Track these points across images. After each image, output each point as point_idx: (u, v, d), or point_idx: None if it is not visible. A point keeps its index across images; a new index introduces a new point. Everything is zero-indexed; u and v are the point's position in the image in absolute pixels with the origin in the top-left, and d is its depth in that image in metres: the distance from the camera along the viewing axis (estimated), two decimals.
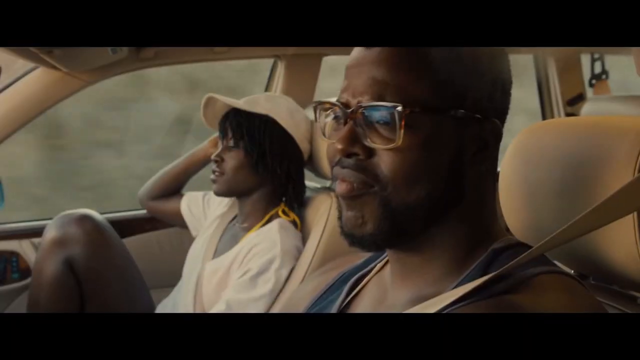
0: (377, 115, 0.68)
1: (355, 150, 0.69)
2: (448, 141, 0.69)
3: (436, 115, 0.68)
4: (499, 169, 0.81)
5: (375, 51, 0.70)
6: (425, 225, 0.71)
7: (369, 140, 0.69)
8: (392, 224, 0.69)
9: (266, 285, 1.58)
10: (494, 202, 0.75)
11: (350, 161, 0.70)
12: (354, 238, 0.71)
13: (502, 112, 0.74)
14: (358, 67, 0.71)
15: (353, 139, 0.69)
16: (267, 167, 1.65)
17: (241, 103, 1.67)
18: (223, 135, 1.68)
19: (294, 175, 1.69)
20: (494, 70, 0.72)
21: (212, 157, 1.69)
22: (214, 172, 1.69)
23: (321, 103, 0.75)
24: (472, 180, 0.71)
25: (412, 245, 0.72)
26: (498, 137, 0.72)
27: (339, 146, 0.69)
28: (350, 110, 0.69)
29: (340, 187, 0.71)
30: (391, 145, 0.67)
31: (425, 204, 0.69)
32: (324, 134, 0.76)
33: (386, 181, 0.68)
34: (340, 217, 0.73)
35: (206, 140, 1.99)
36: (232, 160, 1.67)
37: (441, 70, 0.68)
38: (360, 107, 0.69)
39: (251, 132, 1.64)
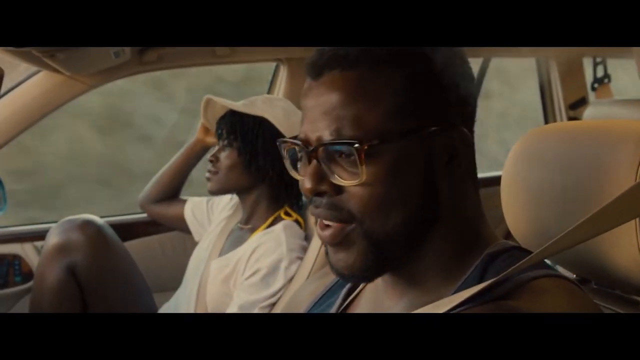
0: (338, 151, 0.67)
1: (323, 188, 0.68)
2: (415, 162, 0.67)
3: (398, 142, 0.66)
4: (500, 172, 0.80)
5: (325, 82, 0.68)
6: (410, 246, 0.70)
7: (336, 176, 0.67)
8: (377, 255, 0.69)
9: (277, 283, 1.59)
10: (478, 207, 0.74)
11: (321, 200, 0.69)
12: (345, 276, 0.71)
13: (468, 118, 0.72)
14: (311, 99, 0.69)
15: (319, 178, 0.68)
16: (259, 167, 1.67)
17: (239, 105, 1.69)
18: (219, 135, 1.71)
19: (287, 175, 1.69)
20: (453, 77, 0.70)
21: (208, 157, 1.72)
22: (209, 171, 1.72)
23: (284, 141, 0.74)
24: (450, 190, 0.70)
25: (401, 267, 0.72)
26: (467, 143, 0.70)
27: (307, 185, 0.68)
28: (311, 148, 0.68)
29: (324, 235, 0.70)
30: (356, 182, 0.66)
31: (404, 228, 0.68)
32: (292, 169, 0.75)
33: (360, 215, 0.67)
34: (327, 256, 0.73)
35: (197, 133, 2.00)
36: (226, 159, 1.69)
37: (394, 94, 0.66)
38: (319, 145, 0.68)
39: (244, 133, 1.66)
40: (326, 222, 0.70)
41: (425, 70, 0.67)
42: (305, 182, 0.69)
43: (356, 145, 0.65)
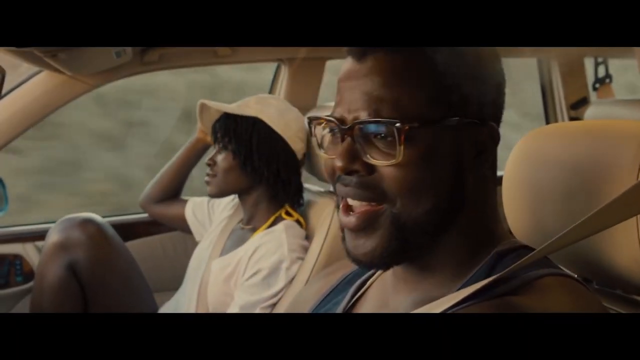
0: (375, 131, 0.67)
1: (355, 167, 0.68)
2: (448, 150, 0.68)
3: (434, 127, 0.67)
4: (501, 172, 0.81)
5: (367, 64, 0.68)
6: (433, 237, 0.70)
7: (368, 156, 0.68)
8: (401, 242, 0.69)
9: (278, 284, 1.59)
10: (495, 205, 0.75)
11: (351, 178, 0.69)
12: (362, 263, 0.71)
13: (497, 114, 0.73)
14: (351, 80, 0.70)
15: (352, 156, 0.68)
16: (255, 168, 1.68)
17: (233, 107, 1.70)
18: (215, 139, 1.71)
19: (284, 174, 1.70)
20: (488, 74, 0.72)
21: (206, 161, 1.73)
22: (207, 174, 1.72)
23: (316, 118, 0.74)
24: (473, 185, 0.71)
25: (425, 254, 0.72)
26: (496, 140, 0.72)
27: (339, 163, 0.68)
28: (346, 126, 0.68)
29: (349, 221, 0.70)
30: (392, 162, 0.66)
31: (432, 216, 0.68)
32: (320, 148, 0.75)
33: (393, 197, 0.67)
34: (344, 240, 0.73)
35: (197, 132, 2.00)
36: (222, 162, 1.69)
37: (436, 81, 0.67)
38: (357, 123, 0.68)
39: (239, 134, 1.67)
40: (351, 203, 0.70)
41: (466, 62, 0.69)
42: (338, 160, 0.68)
43: (397, 124, 0.65)
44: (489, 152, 0.71)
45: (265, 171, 1.68)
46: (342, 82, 0.71)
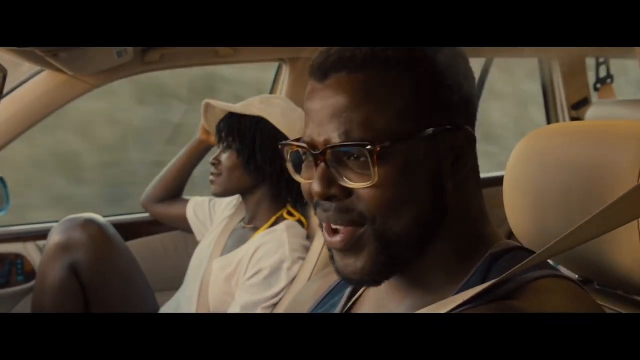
0: (348, 154, 0.66)
1: (332, 192, 0.68)
2: (424, 161, 0.67)
3: (407, 143, 0.66)
4: (502, 172, 0.81)
5: (332, 85, 0.67)
6: (420, 249, 0.70)
7: (344, 179, 0.67)
8: (388, 257, 0.68)
9: (279, 284, 1.59)
10: (481, 207, 0.74)
11: (331, 204, 0.69)
12: (353, 281, 0.71)
13: (471, 116, 0.72)
14: (317, 102, 0.68)
15: (328, 181, 0.67)
16: (258, 167, 1.68)
17: (237, 107, 1.70)
18: (219, 138, 1.72)
19: (287, 173, 1.69)
20: (457, 77, 0.70)
21: (210, 160, 1.74)
22: (212, 174, 1.73)
23: (287, 144, 0.73)
24: (455, 191, 0.70)
25: (416, 262, 0.72)
26: (472, 142, 0.71)
27: (316, 189, 0.67)
28: (318, 151, 0.68)
29: (335, 241, 0.70)
30: (368, 184, 0.65)
31: (416, 230, 0.68)
32: (296, 173, 0.75)
33: (372, 216, 0.67)
34: (332, 260, 0.72)
35: (199, 133, 2.00)
36: (227, 161, 1.70)
37: (402, 95, 0.66)
38: (329, 148, 0.67)
39: (242, 134, 1.68)
40: (335, 227, 0.70)
41: (430, 71, 0.67)
42: (315, 186, 0.68)
43: (369, 147, 0.64)
44: (467, 155, 0.70)
45: (268, 170, 1.68)
46: (309, 104, 0.70)
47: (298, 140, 0.71)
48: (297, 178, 0.74)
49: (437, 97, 0.68)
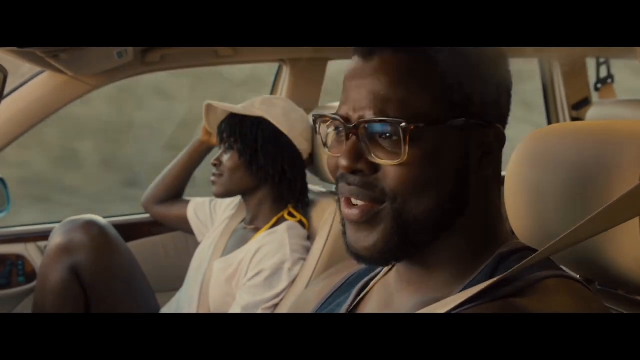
0: (380, 130, 0.68)
1: (360, 166, 0.69)
2: (453, 150, 0.68)
3: (439, 127, 0.67)
4: (503, 172, 0.81)
5: (373, 63, 0.69)
6: (434, 235, 0.70)
7: (373, 155, 0.68)
8: (402, 238, 0.69)
9: (280, 285, 1.59)
10: (499, 207, 0.75)
11: (355, 178, 0.69)
12: (361, 257, 0.71)
13: (503, 116, 0.73)
14: (356, 79, 0.70)
15: (357, 155, 0.68)
16: (260, 168, 1.68)
17: (239, 108, 1.70)
18: (221, 139, 1.72)
19: (289, 174, 1.70)
20: (496, 75, 0.72)
21: (212, 161, 1.73)
22: (213, 174, 1.73)
23: (321, 116, 0.74)
24: (477, 186, 0.71)
25: (418, 255, 0.72)
26: (501, 141, 0.72)
27: (344, 163, 0.68)
28: (352, 125, 0.69)
29: (351, 213, 0.70)
30: (397, 161, 0.66)
31: (434, 215, 0.68)
32: (325, 145, 0.76)
33: (394, 195, 0.68)
34: (344, 234, 0.73)
35: (201, 132, 2.00)
36: (228, 162, 1.70)
37: (441, 81, 0.67)
38: (363, 122, 0.68)
39: (244, 134, 1.68)
40: (355, 202, 0.70)
41: (471, 63, 0.69)
42: (342, 159, 0.68)
43: (402, 124, 0.66)
44: (494, 153, 0.71)
45: (270, 170, 1.68)
46: (348, 80, 0.71)
47: (334, 113, 0.71)
48: (326, 152, 0.75)
49: (473, 90, 0.69)
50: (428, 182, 0.67)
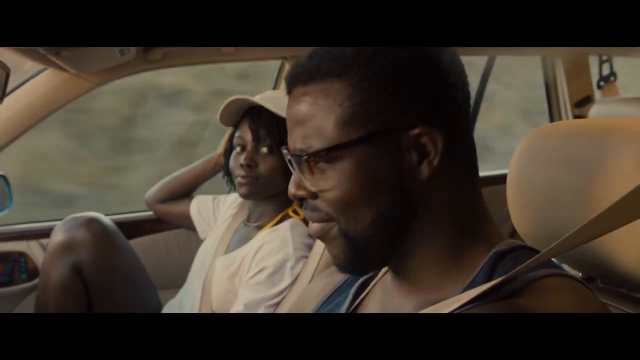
0: (298, 162, 0.72)
1: (301, 193, 0.73)
2: (377, 163, 0.69)
3: (350, 148, 0.68)
4: (505, 171, 0.80)
5: (293, 96, 0.72)
6: (390, 245, 0.72)
7: (307, 184, 0.72)
8: (356, 253, 0.72)
9: (283, 283, 1.59)
10: (475, 204, 0.73)
11: (304, 203, 0.74)
12: (338, 267, 0.75)
13: (444, 118, 0.70)
14: (288, 111, 0.73)
15: (298, 184, 0.73)
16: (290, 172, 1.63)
17: (275, 108, 1.62)
18: (255, 138, 1.64)
19: None
20: (410, 83, 0.69)
21: (243, 160, 1.64)
22: (244, 176, 1.64)
23: (284, 149, 0.77)
24: (425, 191, 0.70)
25: (394, 261, 0.74)
26: (436, 143, 0.69)
27: (290, 190, 0.74)
28: (288, 157, 0.73)
29: (311, 230, 0.75)
30: (323, 187, 0.70)
31: (379, 228, 0.70)
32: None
33: (335, 216, 0.71)
34: None
35: (220, 148, 1.99)
36: (267, 165, 1.63)
37: (342, 104, 0.68)
38: (291, 155, 0.73)
39: (282, 136, 1.60)
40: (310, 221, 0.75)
41: (371, 78, 0.68)
42: (289, 187, 0.74)
43: (304, 157, 0.70)
44: (434, 156, 0.69)
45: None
46: (287, 110, 0.74)
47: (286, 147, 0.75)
48: None
49: (380, 103, 0.68)
50: (360, 199, 0.69)
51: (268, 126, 1.63)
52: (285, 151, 0.74)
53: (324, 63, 0.69)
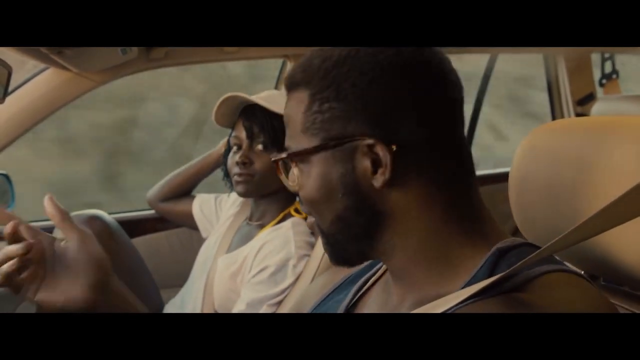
0: (284, 161, 0.77)
1: (292, 190, 0.78)
2: (333, 169, 0.72)
3: (310, 154, 0.72)
4: (507, 169, 0.80)
5: (287, 98, 0.76)
6: (358, 243, 0.74)
7: (288, 182, 0.78)
8: (331, 247, 0.77)
9: (285, 281, 1.59)
10: (469, 204, 0.73)
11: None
12: (329, 260, 0.79)
13: (393, 129, 0.69)
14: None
15: (290, 181, 0.78)
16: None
17: (271, 105, 1.63)
18: (249, 136, 1.65)
19: None
20: (366, 96, 0.69)
21: (239, 158, 1.65)
22: (240, 174, 1.65)
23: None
24: (394, 195, 0.71)
25: (383, 259, 0.75)
26: (385, 155, 0.69)
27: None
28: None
29: (308, 222, 0.82)
30: (295, 186, 0.76)
31: (342, 227, 0.74)
32: None
33: (308, 212, 0.77)
34: None
35: (220, 144, 1.99)
36: (262, 162, 1.64)
37: (303, 112, 0.73)
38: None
39: (277, 133, 1.61)
40: None
41: (326, 90, 0.71)
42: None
43: (283, 157, 0.75)
44: (388, 166, 0.69)
45: None
46: None
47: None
48: None
49: (334, 114, 0.70)
50: (319, 201, 0.73)
51: (262, 123, 1.63)
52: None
53: (298, 73, 0.74)
